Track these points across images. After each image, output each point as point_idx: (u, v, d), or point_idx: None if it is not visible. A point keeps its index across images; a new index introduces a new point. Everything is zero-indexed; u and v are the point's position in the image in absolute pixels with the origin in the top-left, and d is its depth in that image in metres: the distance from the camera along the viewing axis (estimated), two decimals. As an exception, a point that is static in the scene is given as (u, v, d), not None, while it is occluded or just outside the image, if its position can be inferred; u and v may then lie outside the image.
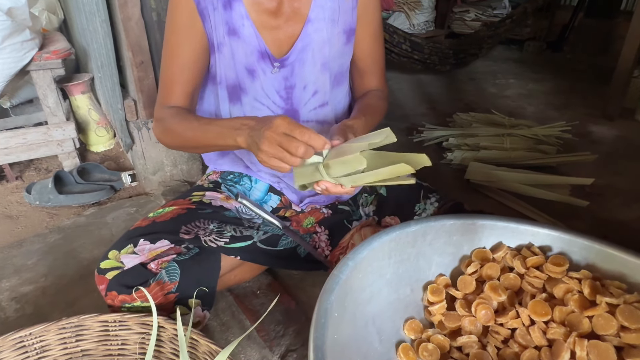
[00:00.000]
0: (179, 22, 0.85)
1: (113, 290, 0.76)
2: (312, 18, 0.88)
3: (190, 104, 0.91)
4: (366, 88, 1.04)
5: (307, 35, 0.89)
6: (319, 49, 0.91)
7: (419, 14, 3.68)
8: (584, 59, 3.38)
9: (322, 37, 0.90)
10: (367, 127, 0.89)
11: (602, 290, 0.74)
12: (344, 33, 0.93)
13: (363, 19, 0.95)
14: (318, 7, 0.88)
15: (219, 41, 0.86)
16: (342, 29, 0.92)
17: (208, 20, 0.84)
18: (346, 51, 0.96)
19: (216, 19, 0.84)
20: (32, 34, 1.44)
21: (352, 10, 0.92)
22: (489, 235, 0.88)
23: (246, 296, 0.98)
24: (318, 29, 0.89)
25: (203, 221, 0.89)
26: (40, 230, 1.31)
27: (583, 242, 0.82)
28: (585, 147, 1.80)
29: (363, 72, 1.03)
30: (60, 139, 1.60)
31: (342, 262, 0.72)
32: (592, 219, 1.35)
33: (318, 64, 0.92)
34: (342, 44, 0.94)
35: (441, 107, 2.41)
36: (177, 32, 0.86)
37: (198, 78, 0.90)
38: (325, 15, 0.89)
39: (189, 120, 0.84)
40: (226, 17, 0.84)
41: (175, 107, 0.88)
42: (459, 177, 1.59)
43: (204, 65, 0.90)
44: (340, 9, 0.90)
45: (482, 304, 0.79)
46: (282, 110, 0.95)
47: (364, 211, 1.08)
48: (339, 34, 0.92)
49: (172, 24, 0.86)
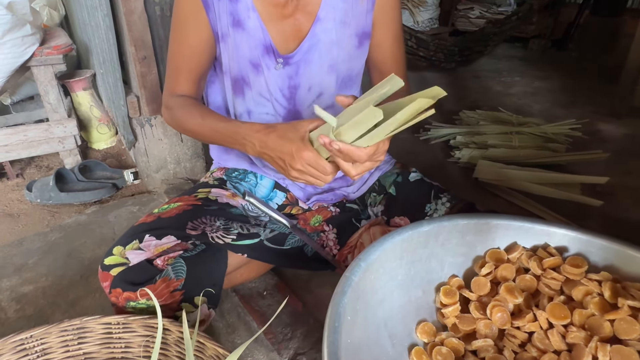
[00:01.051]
0: (185, 11, 0.85)
1: (118, 287, 0.74)
2: (322, 17, 0.86)
3: (197, 92, 0.92)
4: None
5: (314, 35, 0.87)
6: (327, 50, 0.89)
7: (423, 11, 3.65)
8: (589, 57, 3.34)
9: (330, 38, 0.88)
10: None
11: (623, 293, 0.71)
12: (355, 36, 0.91)
13: (382, 22, 0.92)
14: (328, 6, 0.86)
15: (223, 32, 0.85)
16: (354, 32, 0.90)
17: (212, 10, 0.83)
18: (357, 55, 0.94)
19: (220, 9, 0.83)
20: (33, 29, 1.42)
21: (366, 13, 0.90)
22: (503, 236, 0.85)
23: (252, 297, 0.95)
24: (327, 29, 0.87)
25: (209, 218, 0.87)
26: (41, 228, 1.29)
27: (601, 243, 0.80)
28: (594, 145, 1.77)
29: (385, 74, 1.00)
30: (61, 136, 1.57)
31: (354, 263, 0.69)
32: (604, 218, 1.32)
33: (325, 65, 0.90)
34: (352, 47, 0.92)
35: (447, 104, 2.38)
36: (183, 21, 0.86)
37: (205, 66, 0.90)
38: (336, 16, 0.87)
39: (195, 116, 0.84)
40: (231, 8, 0.83)
41: (183, 97, 0.88)
42: (468, 176, 1.57)
43: (210, 54, 0.89)
44: (352, 11, 0.88)
45: (498, 306, 0.77)
46: (285, 110, 0.93)
47: (373, 211, 1.05)
48: (350, 36, 0.90)
49: (179, 12, 0.86)
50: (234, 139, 0.78)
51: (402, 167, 1.08)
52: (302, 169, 0.71)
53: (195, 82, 0.90)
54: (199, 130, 0.84)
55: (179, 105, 0.87)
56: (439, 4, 3.81)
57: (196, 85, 0.90)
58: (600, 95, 2.43)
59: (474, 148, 1.68)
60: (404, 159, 1.14)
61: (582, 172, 1.54)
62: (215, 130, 0.81)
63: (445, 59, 2.82)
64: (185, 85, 0.89)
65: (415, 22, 3.64)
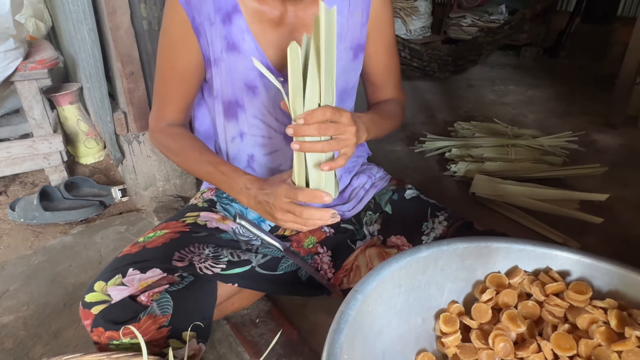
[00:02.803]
0: (173, 38, 0.82)
1: (99, 327, 0.69)
2: None
3: (184, 118, 0.91)
4: (381, 99, 1.02)
5: None
6: None
7: (415, 19, 3.65)
8: (581, 65, 3.36)
9: None
10: (378, 125, 0.86)
11: (630, 322, 0.69)
12: (350, 49, 0.90)
13: (376, 34, 0.92)
14: None
15: (216, 57, 0.82)
16: (349, 45, 0.89)
17: (203, 36, 0.81)
18: (352, 67, 0.93)
19: (213, 34, 0.80)
20: (17, 43, 1.38)
21: (361, 26, 0.89)
22: (503, 259, 0.83)
23: (244, 325, 0.91)
24: None
25: (198, 245, 0.83)
26: (24, 251, 1.23)
27: (605, 267, 0.77)
28: (591, 156, 1.76)
29: (378, 86, 1.00)
30: (46, 152, 1.52)
31: (350, 296, 0.66)
32: (603, 234, 1.30)
33: None
34: (348, 60, 0.91)
35: (441, 115, 2.37)
36: (171, 47, 0.83)
37: (193, 92, 0.88)
38: None
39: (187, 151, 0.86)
40: (225, 32, 0.80)
41: (173, 127, 0.87)
42: (464, 190, 1.54)
43: (199, 80, 0.87)
44: (348, 24, 0.87)
45: (500, 335, 0.74)
46: (284, 127, 0.90)
47: (368, 230, 1.02)
48: (346, 50, 0.89)
49: (166, 38, 0.83)
50: (229, 185, 0.82)
51: (398, 183, 1.05)
52: (283, 209, 0.73)
53: (184, 108, 0.88)
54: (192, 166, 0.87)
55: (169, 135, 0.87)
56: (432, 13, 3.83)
57: (185, 112, 0.89)
58: (594, 104, 2.43)
59: (470, 161, 1.66)
60: (399, 172, 1.11)
61: (580, 185, 1.53)
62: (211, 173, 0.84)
63: (439, 69, 2.81)
64: (174, 111, 0.87)
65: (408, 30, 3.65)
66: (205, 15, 0.79)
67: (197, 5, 0.78)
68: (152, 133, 0.90)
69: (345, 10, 0.86)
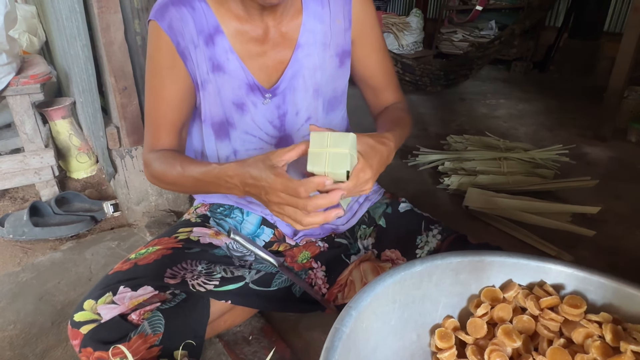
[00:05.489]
0: (161, 64, 0.80)
1: (88, 347, 0.68)
2: (302, 43, 0.84)
3: (179, 144, 0.87)
4: (383, 104, 0.99)
5: (297, 61, 0.85)
6: (310, 75, 0.87)
7: (407, 34, 3.71)
8: (570, 78, 3.42)
9: (313, 63, 0.86)
10: (401, 139, 0.83)
11: (625, 336, 0.68)
12: (336, 56, 0.90)
13: (362, 38, 0.91)
14: (308, 31, 0.84)
15: (203, 79, 0.82)
16: (335, 52, 0.89)
17: (189, 59, 0.80)
18: (340, 75, 0.93)
19: (198, 57, 0.80)
20: (9, 58, 1.37)
21: (344, 32, 0.89)
22: (498, 273, 0.82)
23: (237, 343, 0.90)
24: (309, 54, 0.85)
25: (190, 262, 0.82)
26: (12, 267, 1.21)
27: (599, 280, 0.77)
28: (581, 169, 1.78)
29: (377, 89, 0.98)
30: (37, 167, 1.51)
31: (345, 312, 0.65)
32: (595, 246, 1.31)
33: (310, 89, 0.88)
34: (334, 67, 0.90)
35: (433, 128, 2.39)
36: (159, 75, 0.81)
37: (185, 117, 0.86)
38: (317, 39, 0.85)
39: (174, 167, 0.78)
40: (209, 54, 0.80)
41: (161, 151, 0.83)
42: (457, 203, 1.54)
43: (190, 104, 0.85)
44: (331, 31, 0.87)
45: (496, 350, 0.73)
46: (276, 139, 0.90)
47: (362, 244, 1.02)
48: (331, 57, 0.89)
49: (154, 66, 0.81)
50: (217, 184, 0.73)
51: (392, 197, 1.05)
52: (279, 200, 0.65)
53: (177, 134, 0.85)
54: (181, 181, 0.78)
55: (157, 160, 0.81)
56: (423, 28, 3.89)
57: (178, 137, 0.86)
58: (584, 117, 2.47)
59: (462, 174, 1.67)
60: (392, 185, 1.11)
61: (571, 198, 1.54)
62: (197, 179, 0.76)
63: (431, 83, 2.85)
64: (167, 139, 0.84)
65: (400, 45, 3.70)
66: (188, 39, 0.78)
67: (180, 30, 0.77)
68: (145, 168, 0.86)
69: (327, 18, 0.86)
